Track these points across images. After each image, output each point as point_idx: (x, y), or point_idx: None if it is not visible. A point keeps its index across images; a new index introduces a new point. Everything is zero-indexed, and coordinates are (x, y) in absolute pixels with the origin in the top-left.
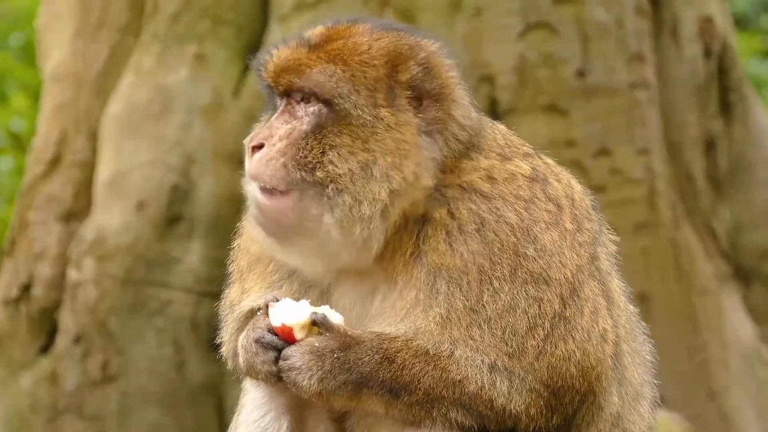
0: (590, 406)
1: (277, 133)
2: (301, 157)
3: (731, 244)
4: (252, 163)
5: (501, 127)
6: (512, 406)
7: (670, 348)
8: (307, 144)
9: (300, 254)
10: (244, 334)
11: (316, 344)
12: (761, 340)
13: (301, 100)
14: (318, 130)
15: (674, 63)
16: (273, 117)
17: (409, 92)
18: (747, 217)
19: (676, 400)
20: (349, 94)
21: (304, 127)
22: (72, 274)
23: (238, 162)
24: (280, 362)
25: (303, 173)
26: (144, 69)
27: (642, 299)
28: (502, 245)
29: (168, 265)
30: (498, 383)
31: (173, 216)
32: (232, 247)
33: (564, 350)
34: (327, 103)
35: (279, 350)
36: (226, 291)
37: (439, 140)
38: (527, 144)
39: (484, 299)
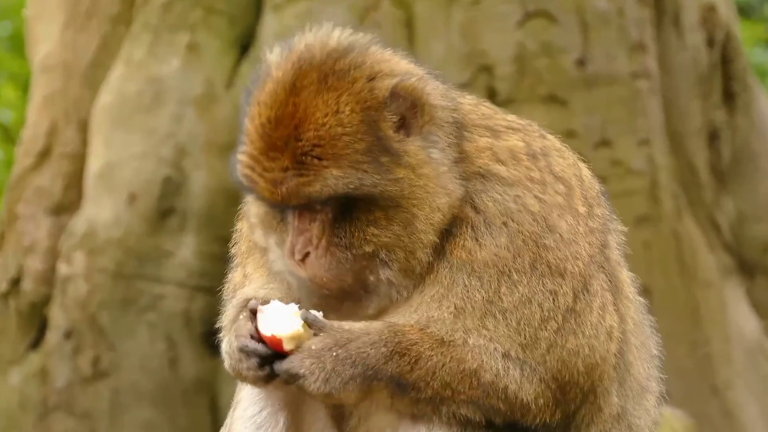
0: (590, 406)
1: (311, 234)
2: (345, 243)
3: (735, 236)
4: (306, 270)
5: (468, 97)
6: (523, 395)
7: (672, 343)
8: (343, 229)
9: (366, 304)
10: (226, 340)
11: (313, 347)
12: (765, 335)
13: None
14: (346, 213)
15: (676, 52)
16: (294, 222)
17: (397, 131)
18: (751, 208)
19: (679, 396)
20: (361, 182)
21: (331, 216)
22: (62, 269)
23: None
24: (278, 368)
25: (353, 254)
26: (135, 59)
27: (643, 293)
28: (525, 237)
29: (160, 259)
30: (510, 371)
31: (165, 209)
32: (227, 237)
33: (574, 344)
34: (343, 195)
35: (263, 357)
36: (230, 274)
37: (440, 137)
38: (505, 114)
39: (502, 291)
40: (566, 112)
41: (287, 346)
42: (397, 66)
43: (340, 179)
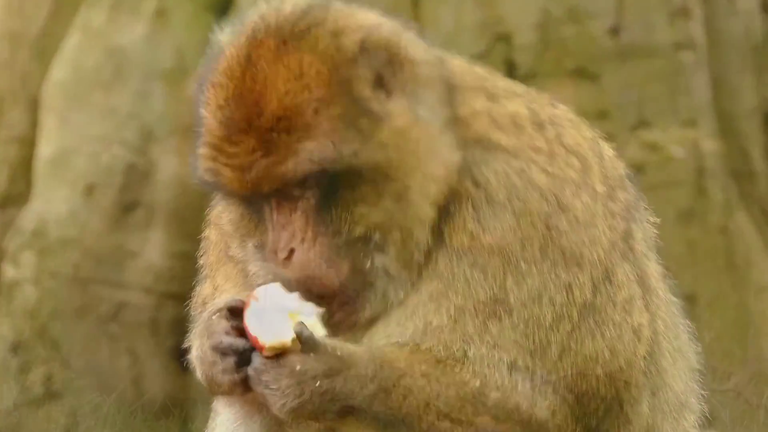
0: (615, 419)
1: (294, 226)
2: (333, 229)
3: None
4: (294, 270)
5: (458, 59)
6: (537, 412)
7: (719, 357)
8: (329, 214)
9: (362, 308)
10: (197, 344)
11: (298, 367)
12: None
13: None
14: (329, 194)
15: (726, 19)
16: (272, 216)
17: (376, 90)
18: None
19: (726, 419)
20: (339, 152)
21: (313, 202)
22: (8, 271)
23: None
24: (251, 371)
25: (343, 240)
26: (93, 27)
27: (687, 300)
28: (533, 218)
29: (123, 261)
30: (520, 384)
31: (128, 202)
32: (200, 237)
33: (591, 348)
34: (322, 171)
35: (240, 353)
36: (199, 287)
37: (427, 96)
38: (504, 78)
39: (508, 286)
40: (597, 89)
41: (267, 353)
42: (365, 19)
43: (315, 152)
